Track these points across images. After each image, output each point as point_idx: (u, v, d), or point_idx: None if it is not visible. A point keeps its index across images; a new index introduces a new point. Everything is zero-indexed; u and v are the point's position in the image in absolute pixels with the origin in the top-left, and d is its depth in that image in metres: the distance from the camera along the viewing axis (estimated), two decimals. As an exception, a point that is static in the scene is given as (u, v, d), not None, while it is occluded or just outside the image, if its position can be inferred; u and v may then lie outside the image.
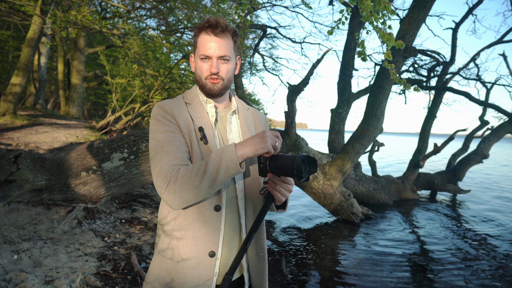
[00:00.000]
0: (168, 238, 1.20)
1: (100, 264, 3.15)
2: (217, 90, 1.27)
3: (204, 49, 1.23)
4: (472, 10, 8.64)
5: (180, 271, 1.16)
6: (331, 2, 9.79)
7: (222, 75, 1.26)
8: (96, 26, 7.87)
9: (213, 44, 1.22)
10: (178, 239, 1.18)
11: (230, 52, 1.26)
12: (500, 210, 7.38)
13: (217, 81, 1.25)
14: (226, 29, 1.23)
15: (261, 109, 17.26)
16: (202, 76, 1.26)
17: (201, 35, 1.24)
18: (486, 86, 9.23)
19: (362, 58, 3.59)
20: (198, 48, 1.25)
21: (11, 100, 9.24)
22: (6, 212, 4.00)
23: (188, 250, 1.17)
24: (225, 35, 1.24)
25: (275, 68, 14.62)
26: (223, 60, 1.25)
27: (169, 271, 1.18)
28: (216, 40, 1.22)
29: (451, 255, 4.52)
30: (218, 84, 1.26)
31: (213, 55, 1.23)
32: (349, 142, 6.17)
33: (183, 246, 1.17)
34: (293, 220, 5.97)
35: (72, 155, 5.13)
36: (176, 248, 1.18)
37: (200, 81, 1.28)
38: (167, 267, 1.18)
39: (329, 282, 3.59)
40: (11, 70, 17.17)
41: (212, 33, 1.22)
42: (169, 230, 1.20)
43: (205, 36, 1.23)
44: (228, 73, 1.28)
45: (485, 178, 12.84)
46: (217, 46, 1.22)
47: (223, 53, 1.23)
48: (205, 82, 1.26)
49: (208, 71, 1.24)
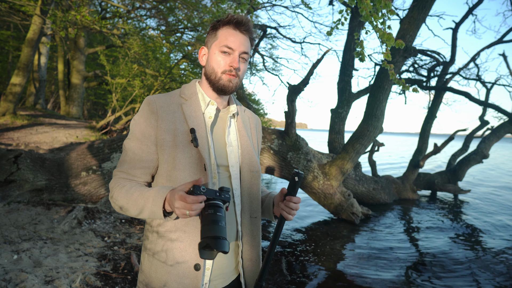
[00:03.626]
0: (161, 239, 1.14)
1: (100, 264, 3.15)
2: (232, 87, 1.20)
3: (228, 41, 1.16)
4: (472, 10, 8.64)
5: (174, 275, 1.11)
6: (331, 2, 9.79)
7: (239, 72, 1.20)
8: (96, 26, 7.87)
9: (238, 38, 1.17)
10: (172, 241, 1.12)
11: (250, 52, 1.22)
12: (500, 209, 7.39)
13: (234, 78, 1.19)
14: (250, 28, 1.20)
15: (261, 109, 17.25)
16: (219, 70, 1.18)
17: (224, 27, 1.18)
18: (486, 86, 9.23)
19: (360, 59, 3.59)
20: (220, 39, 1.18)
21: (11, 100, 9.25)
22: (6, 212, 4.00)
23: (182, 254, 1.11)
24: (248, 34, 1.21)
25: (275, 68, 14.64)
26: (243, 58, 1.20)
27: (161, 275, 1.12)
28: (241, 36, 1.18)
29: (451, 255, 4.52)
30: (234, 81, 1.19)
31: (237, 49, 1.17)
32: (349, 142, 6.17)
33: (178, 248, 1.12)
34: (293, 220, 5.97)
35: (72, 155, 5.13)
36: (170, 250, 1.12)
37: (213, 75, 1.19)
38: (159, 271, 1.13)
39: (329, 282, 3.60)
40: (11, 70, 17.17)
41: (238, 29, 1.18)
42: (163, 232, 1.14)
43: (229, 30, 1.18)
44: (243, 73, 1.23)
45: (484, 177, 12.85)
46: (241, 41, 1.18)
47: (246, 50, 1.19)
48: (221, 77, 1.18)
49: (227, 65, 1.17)
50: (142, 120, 1.16)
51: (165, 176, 1.15)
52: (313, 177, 5.90)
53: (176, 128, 1.15)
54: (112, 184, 1.15)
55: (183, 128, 1.16)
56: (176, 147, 1.13)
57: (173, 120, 1.16)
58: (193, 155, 1.13)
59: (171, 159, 1.13)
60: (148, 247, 1.17)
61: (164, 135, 1.14)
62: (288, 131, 5.99)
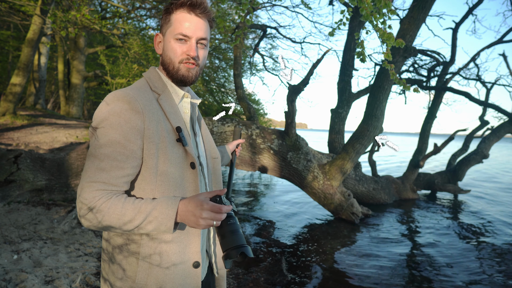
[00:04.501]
0: (153, 242, 1.05)
1: (100, 264, 3.15)
2: (192, 77, 1.12)
3: (182, 27, 1.07)
4: (472, 10, 8.64)
5: (172, 276, 1.06)
6: (331, 2, 9.78)
7: (198, 61, 1.12)
8: (96, 26, 7.87)
9: (193, 23, 1.08)
10: (166, 242, 1.06)
11: (208, 36, 1.13)
12: (500, 209, 7.38)
13: (193, 67, 1.11)
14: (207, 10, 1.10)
15: (261, 109, 17.23)
16: (176, 60, 1.10)
17: (177, 11, 1.09)
18: (486, 86, 9.22)
19: (361, 59, 3.58)
20: (174, 26, 1.08)
21: (11, 100, 9.25)
22: (6, 212, 4.00)
23: (178, 255, 1.07)
24: (205, 17, 1.11)
25: (275, 68, 14.61)
26: (201, 44, 1.11)
27: (156, 279, 1.05)
28: (197, 20, 1.09)
29: (451, 255, 4.52)
30: (194, 70, 1.11)
31: (193, 36, 1.08)
32: (349, 142, 6.17)
33: (171, 250, 1.06)
34: (293, 220, 5.97)
35: (72, 155, 5.13)
36: (165, 253, 1.05)
37: (171, 65, 1.11)
38: (155, 275, 1.05)
39: (329, 282, 3.59)
40: (11, 70, 17.17)
41: (193, 12, 1.08)
42: (154, 234, 1.05)
43: (183, 14, 1.08)
44: (204, 60, 1.15)
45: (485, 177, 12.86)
46: (197, 26, 1.08)
47: (204, 35, 1.10)
48: (179, 67, 1.10)
49: (184, 54, 1.09)
50: (122, 121, 0.99)
51: (152, 181, 1.04)
52: (313, 177, 5.91)
53: (162, 127, 1.06)
54: (89, 199, 0.95)
55: (167, 127, 1.07)
56: (165, 148, 1.05)
57: (157, 119, 1.05)
58: (180, 155, 1.07)
59: (160, 162, 1.04)
60: (135, 251, 1.05)
61: (153, 137, 1.03)
62: (288, 131, 5.99)
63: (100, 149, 0.99)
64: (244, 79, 17.09)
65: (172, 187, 1.05)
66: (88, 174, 0.98)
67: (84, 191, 0.96)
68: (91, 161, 0.99)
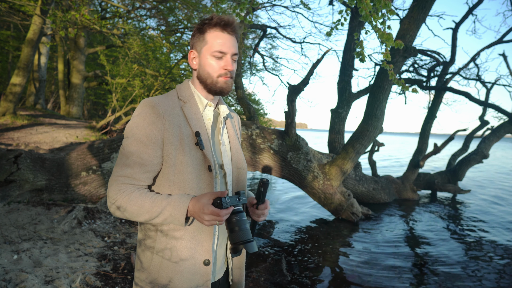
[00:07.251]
0: (166, 238, 1.17)
1: (100, 264, 3.15)
2: (229, 88, 1.24)
3: (219, 45, 1.19)
4: (472, 10, 8.64)
5: (180, 271, 1.16)
6: (331, 2, 9.79)
7: (233, 74, 1.24)
8: (96, 26, 7.88)
9: (227, 41, 1.20)
10: (176, 239, 1.17)
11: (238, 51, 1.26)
12: (500, 209, 7.38)
13: (229, 79, 1.23)
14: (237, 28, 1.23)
15: (261, 109, 17.24)
16: (214, 74, 1.21)
17: (211, 30, 1.20)
18: (486, 86, 9.22)
19: (360, 59, 3.59)
20: (210, 44, 1.20)
21: (11, 100, 9.25)
22: (6, 212, 4.01)
23: (187, 251, 1.16)
24: (235, 34, 1.23)
25: (275, 68, 14.63)
26: (233, 60, 1.23)
27: (167, 272, 1.16)
28: (229, 38, 1.21)
29: (451, 255, 4.52)
30: (230, 82, 1.23)
31: (228, 52, 1.20)
32: (349, 142, 6.17)
33: (181, 246, 1.16)
34: (293, 220, 5.98)
35: (72, 155, 5.14)
36: (174, 248, 1.16)
37: (209, 79, 1.22)
38: (165, 268, 1.17)
39: (329, 282, 3.60)
40: (11, 70, 17.17)
41: (225, 30, 1.20)
42: (167, 230, 1.17)
43: (217, 33, 1.20)
44: (235, 72, 1.26)
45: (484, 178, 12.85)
46: (231, 43, 1.21)
47: (236, 51, 1.22)
48: (217, 81, 1.22)
49: (222, 69, 1.21)
50: (146, 123, 1.14)
51: (171, 179, 1.17)
52: (313, 177, 5.91)
53: (181, 131, 1.17)
54: (114, 191, 1.12)
55: (186, 131, 1.18)
56: (182, 150, 1.16)
57: (178, 123, 1.18)
58: (198, 157, 1.17)
59: (178, 162, 1.16)
60: (151, 246, 1.19)
61: (172, 138, 1.15)
62: (288, 131, 6.00)
63: (127, 147, 1.15)
64: (244, 79, 17.10)
65: (189, 186, 1.16)
66: (116, 169, 1.15)
67: (111, 184, 1.14)
68: (119, 158, 1.16)
